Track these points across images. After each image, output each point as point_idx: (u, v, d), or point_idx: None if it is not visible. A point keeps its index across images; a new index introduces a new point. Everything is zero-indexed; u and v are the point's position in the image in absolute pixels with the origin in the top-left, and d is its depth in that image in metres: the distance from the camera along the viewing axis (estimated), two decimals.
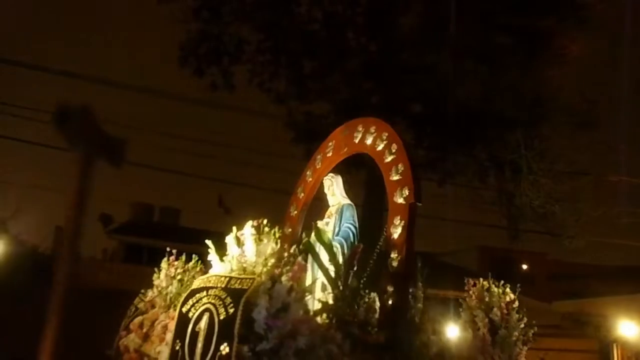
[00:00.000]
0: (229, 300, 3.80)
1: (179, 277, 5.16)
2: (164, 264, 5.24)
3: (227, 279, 4.03)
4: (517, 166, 13.70)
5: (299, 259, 4.09)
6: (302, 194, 6.43)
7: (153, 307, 5.12)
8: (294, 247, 4.22)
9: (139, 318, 5.02)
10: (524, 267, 23.25)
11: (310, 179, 6.39)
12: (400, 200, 4.78)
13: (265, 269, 3.96)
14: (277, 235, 4.22)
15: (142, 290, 5.35)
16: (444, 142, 14.55)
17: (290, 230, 6.25)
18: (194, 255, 5.31)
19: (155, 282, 5.26)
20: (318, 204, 6.13)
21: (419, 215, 4.74)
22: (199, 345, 3.82)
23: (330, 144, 6.28)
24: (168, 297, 5.09)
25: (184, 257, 5.30)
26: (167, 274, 5.20)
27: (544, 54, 13.55)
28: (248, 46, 14.34)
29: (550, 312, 17.45)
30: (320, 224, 5.60)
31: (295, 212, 6.38)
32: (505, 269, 19.89)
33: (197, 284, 4.36)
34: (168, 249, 5.37)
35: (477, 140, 14.16)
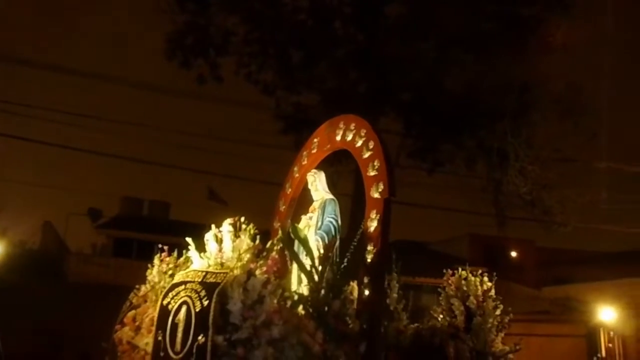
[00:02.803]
0: (203, 293, 3.99)
1: (170, 272, 5.24)
2: (156, 260, 5.31)
3: (204, 273, 4.22)
4: (504, 154, 13.80)
5: (274, 253, 4.20)
6: (290, 190, 6.56)
7: (146, 301, 5.23)
8: (269, 242, 4.34)
9: (132, 312, 5.14)
10: (513, 254, 23.44)
11: (297, 175, 6.50)
12: (376, 195, 4.91)
13: (239, 264, 4.11)
14: (253, 231, 4.33)
15: (137, 286, 5.44)
16: (433, 131, 14.62)
17: (279, 225, 6.36)
18: (184, 251, 5.38)
19: (149, 278, 5.35)
20: (307, 199, 6.21)
21: (409, 204, 4.85)
22: (179, 335, 4.03)
23: (315, 140, 6.41)
24: (160, 292, 5.18)
25: (175, 253, 5.37)
26: (159, 270, 5.28)
27: (530, 42, 13.60)
28: (235, 37, 14.32)
29: (539, 298, 17.66)
30: (304, 218, 5.70)
31: (284, 207, 6.51)
32: (495, 257, 20.08)
33: (177, 278, 4.53)
34: (160, 245, 5.44)
35: (465, 128, 14.23)
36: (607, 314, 13.79)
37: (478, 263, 6.11)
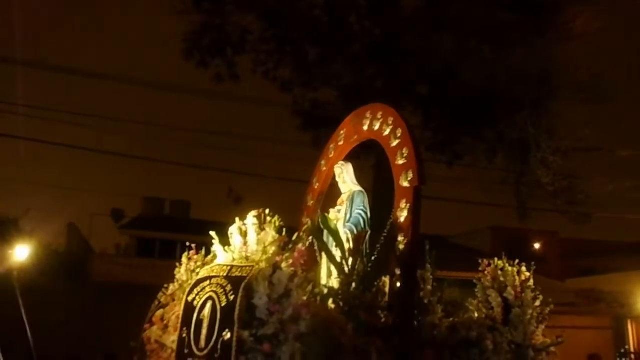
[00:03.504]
0: (229, 287, 3.90)
1: (197, 270, 5.23)
2: (184, 258, 5.31)
3: (229, 267, 4.13)
4: (525, 145, 13.64)
5: (299, 245, 4.14)
6: (318, 184, 6.46)
7: (174, 300, 5.23)
8: (296, 234, 4.27)
9: (161, 311, 5.12)
10: (537, 246, 23.18)
11: (325, 169, 6.40)
12: (406, 184, 4.79)
13: (265, 257, 4.01)
14: (278, 223, 4.24)
15: (165, 285, 5.43)
16: (451, 124, 14.50)
17: (307, 220, 6.28)
18: (211, 249, 5.37)
19: (177, 276, 5.34)
20: (335, 193, 6.14)
21: (430, 198, 4.74)
22: (204, 332, 3.95)
23: (341, 132, 6.31)
24: (187, 290, 5.17)
25: (203, 251, 5.36)
26: (187, 268, 5.28)
27: (549, 30, 13.39)
28: (251, 36, 14.31)
29: (563, 290, 17.41)
30: (332, 211, 5.64)
31: (312, 202, 6.40)
32: (518, 249, 19.85)
33: (202, 274, 4.45)
34: (187, 244, 5.41)
35: (484, 120, 14.08)
36: (634, 304, 13.55)
37: (500, 256, 5.95)
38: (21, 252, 9.02)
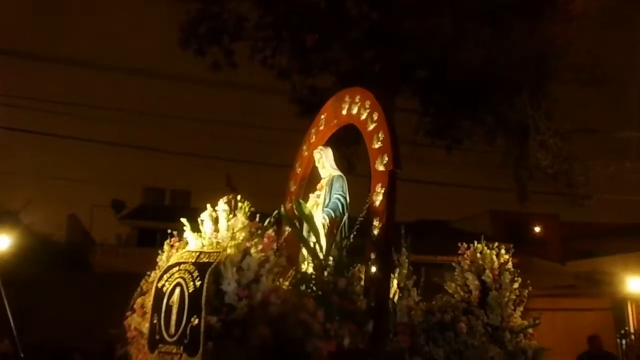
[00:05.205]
0: (196, 273, 3.91)
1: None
2: (166, 246, 5.35)
3: (197, 253, 4.15)
4: (524, 127, 13.56)
5: (269, 231, 4.15)
6: (300, 169, 6.43)
7: None
8: (267, 220, 4.29)
9: (141, 298, 5.16)
10: (537, 229, 23.13)
11: (306, 153, 6.36)
12: (381, 168, 4.78)
13: (233, 243, 4.02)
14: (248, 209, 4.25)
15: (148, 272, 5.48)
16: (450, 107, 14.41)
17: (290, 205, 6.30)
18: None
19: (159, 263, 5.38)
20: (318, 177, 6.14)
21: (430, 183, 4.69)
22: (173, 317, 3.96)
23: (322, 117, 6.29)
24: (157, 277, 5.19)
25: (185, 239, 5.38)
26: (168, 255, 5.31)
27: (548, 11, 13.25)
28: (248, 23, 14.26)
29: (564, 273, 17.42)
30: (312, 197, 5.64)
31: (294, 187, 6.37)
32: (518, 232, 19.83)
33: (172, 260, 4.47)
34: (169, 231, 5.44)
35: (483, 103, 14.00)
36: (633, 285, 13.50)
37: (501, 239, 5.92)
38: (2, 241, 9.13)
